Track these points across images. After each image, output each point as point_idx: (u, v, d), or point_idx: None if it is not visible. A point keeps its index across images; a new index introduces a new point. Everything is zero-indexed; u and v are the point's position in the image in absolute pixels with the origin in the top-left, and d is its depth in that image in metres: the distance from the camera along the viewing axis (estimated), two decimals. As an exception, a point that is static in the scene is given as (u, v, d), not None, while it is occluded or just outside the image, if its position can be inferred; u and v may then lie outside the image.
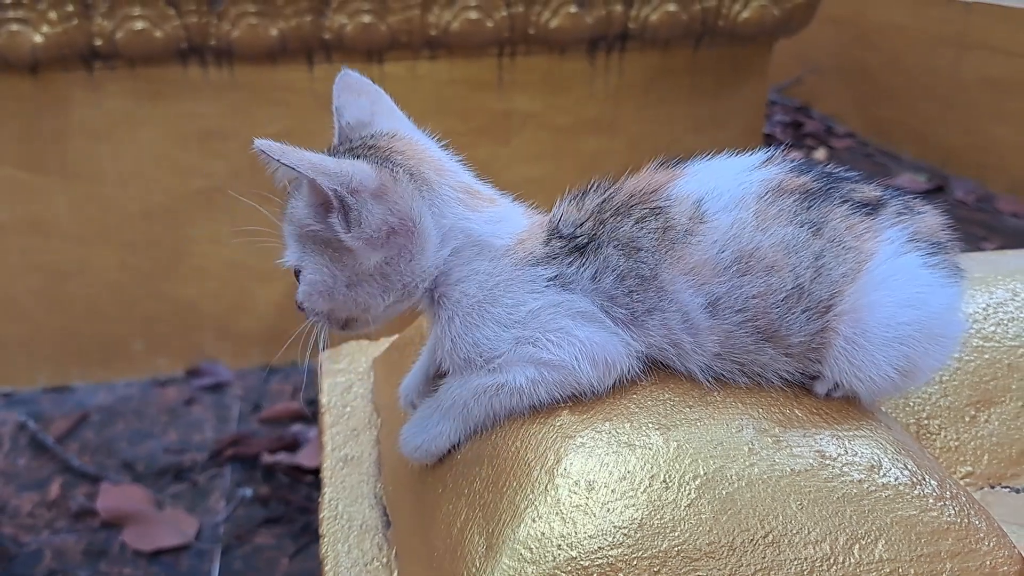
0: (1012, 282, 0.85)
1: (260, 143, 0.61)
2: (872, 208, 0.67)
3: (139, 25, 1.71)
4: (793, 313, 0.65)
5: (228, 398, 1.89)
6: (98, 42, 1.71)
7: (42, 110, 1.75)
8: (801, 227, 0.65)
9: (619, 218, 0.68)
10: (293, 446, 1.68)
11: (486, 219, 0.69)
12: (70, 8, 1.67)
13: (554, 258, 0.68)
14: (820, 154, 2.85)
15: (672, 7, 1.88)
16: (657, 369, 0.68)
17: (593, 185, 0.71)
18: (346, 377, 0.93)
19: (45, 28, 1.64)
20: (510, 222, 0.70)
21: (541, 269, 0.67)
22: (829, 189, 0.67)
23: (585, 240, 0.68)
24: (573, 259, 0.67)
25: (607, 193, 0.70)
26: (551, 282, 0.67)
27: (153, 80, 1.79)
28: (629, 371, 0.67)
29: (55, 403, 1.86)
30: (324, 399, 0.89)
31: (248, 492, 1.61)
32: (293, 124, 1.82)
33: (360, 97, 0.75)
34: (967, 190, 2.57)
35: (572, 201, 0.71)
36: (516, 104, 1.91)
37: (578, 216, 0.69)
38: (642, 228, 0.67)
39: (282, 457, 1.65)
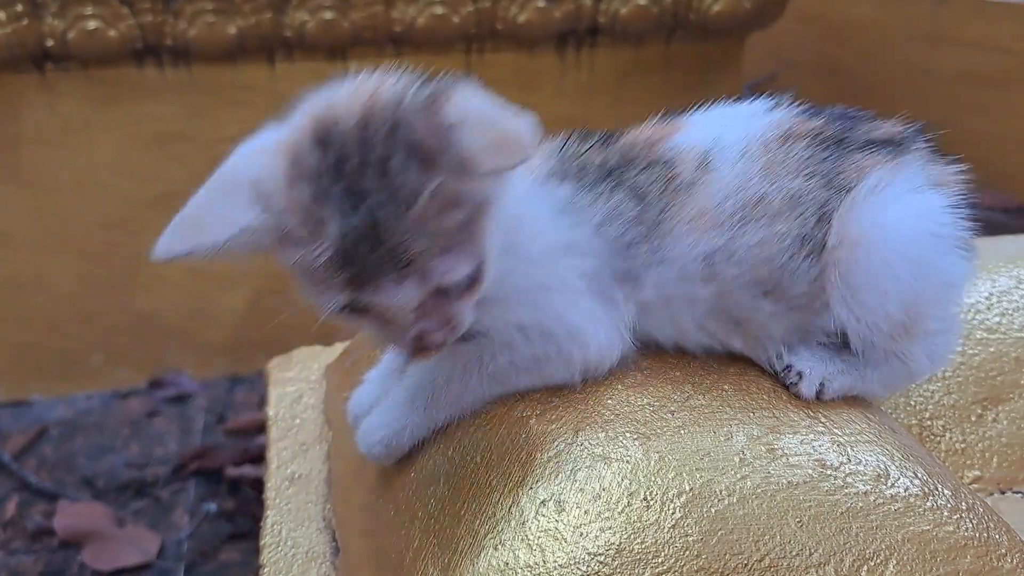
0: (1016, 268, 0.80)
1: None
2: (895, 146, 0.67)
3: (92, 25, 1.66)
4: (795, 261, 0.63)
5: (192, 410, 1.84)
6: (49, 43, 1.65)
7: (-8, 115, 1.70)
8: (811, 177, 0.64)
9: (625, 167, 0.66)
10: (259, 458, 1.63)
11: None
12: (19, 8, 1.61)
13: (567, 177, 0.66)
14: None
15: (642, 0, 1.86)
16: (638, 369, 0.63)
17: (594, 134, 0.70)
18: (296, 387, 0.86)
19: (-8, 29, 1.59)
20: None
21: (555, 185, 0.66)
22: (844, 133, 0.66)
23: (592, 180, 0.66)
24: (583, 192, 0.65)
25: (611, 142, 0.69)
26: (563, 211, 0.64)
27: (108, 82, 1.73)
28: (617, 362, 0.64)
29: (12, 418, 1.79)
30: (271, 411, 0.82)
31: (213, 507, 1.55)
32: (254, 124, 1.75)
33: None
34: (947, 184, 2.55)
35: (575, 143, 0.70)
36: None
37: (584, 158, 0.68)
38: (647, 177, 0.65)
39: (248, 470, 1.60)
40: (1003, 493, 0.73)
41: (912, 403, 0.74)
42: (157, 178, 1.80)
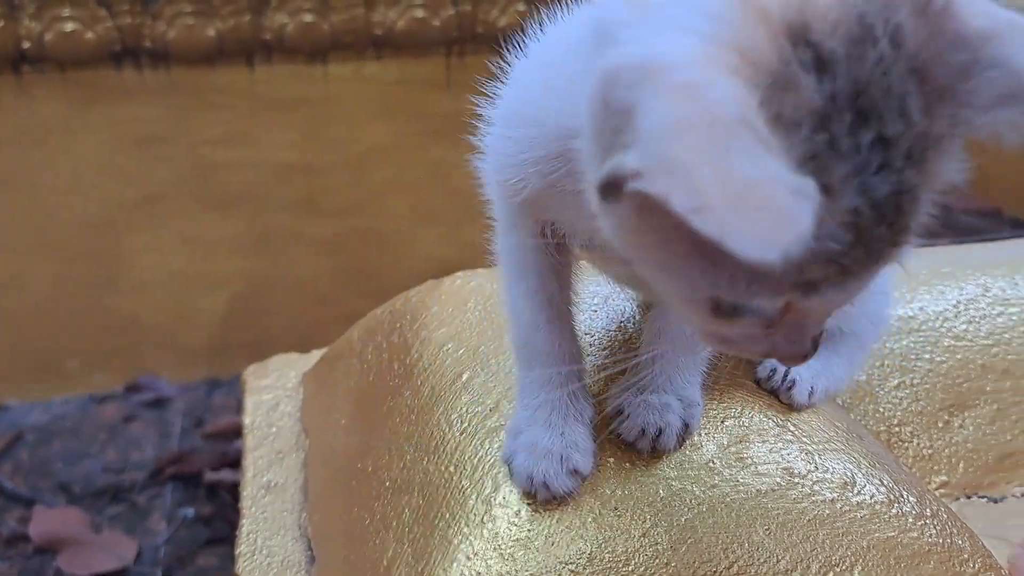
0: (982, 276, 0.81)
1: None
2: None
3: (69, 27, 1.64)
4: None
5: (170, 414, 1.82)
6: (26, 44, 1.63)
7: (-30, 118, 1.68)
8: None
9: None
10: (237, 463, 1.61)
11: None
12: (-5, 9, 1.59)
13: None
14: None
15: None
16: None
17: None
18: (273, 394, 0.85)
19: (-32, 30, 1.57)
20: None
21: None
22: None
23: None
24: None
25: None
26: None
27: (86, 84, 1.71)
28: None
29: (-13, 423, 1.75)
30: (247, 419, 0.82)
31: (190, 512, 1.55)
32: (234, 126, 1.76)
33: None
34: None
35: None
36: (466, 105, 1.87)
37: None
38: None
39: (226, 474, 1.59)
40: (968, 498, 0.74)
41: (881, 410, 0.75)
42: (136, 180, 1.78)
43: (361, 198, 1.89)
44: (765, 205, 0.33)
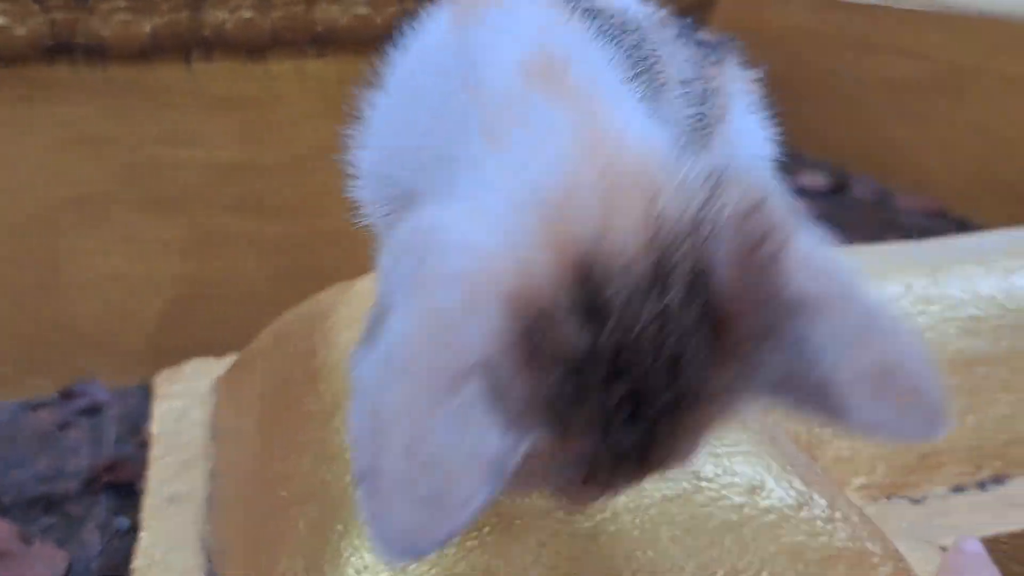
0: (905, 276, 0.81)
1: None
2: (721, 54, 0.59)
3: (-1, 21, 1.62)
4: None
5: (105, 420, 1.78)
6: (-47, 40, 1.60)
7: None
8: (686, 58, 0.55)
9: None
10: (172, 471, 1.57)
11: None
12: (-79, 4, 1.56)
13: None
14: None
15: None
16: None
17: None
18: (183, 401, 0.83)
19: None
20: None
21: None
22: (683, 26, 0.58)
23: None
24: None
25: None
26: None
27: (18, 82, 1.68)
28: None
29: (-85, 432, 1.70)
30: (154, 427, 0.79)
31: (125, 522, 1.51)
32: (172, 125, 1.73)
33: None
34: (867, 188, 2.61)
35: None
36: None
37: None
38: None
39: (161, 484, 1.54)
40: (889, 499, 0.74)
41: (801, 411, 0.74)
42: (71, 180, 1.74)
43: (304, 198, 1.86)
44: (437, 492, 0.30)
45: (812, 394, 0.35)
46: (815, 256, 0.36)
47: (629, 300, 0.34)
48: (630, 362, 0.34)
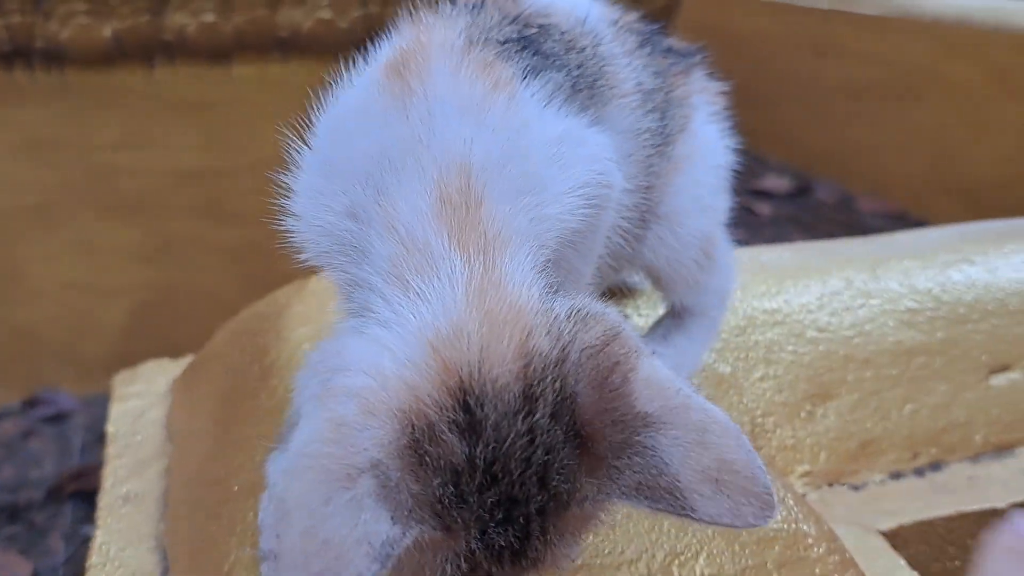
0: (846, 271, 0.83)
1: None
2: (688, 64, 0.64)
3: (-44, 27, 1.60)
4: (658, 154, 0.59)
5: (70, 428, 1.76)
6: (-90, 46, 1.58)
7: None
8: (648, 67, 0.59)
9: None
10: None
11: None
12: None
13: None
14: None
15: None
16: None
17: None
18: (140, 402, 0.83)
19: None
20: None
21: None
22: (651, 33, 0.62)
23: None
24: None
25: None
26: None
27: (-26, 87, 1.66)
28: None
29: None
30: (111, 428, 0.80)
31: (91, 530, 1.50)
32: (132, 130, 1.72)
33: None
34: (829, 191, 2.65)
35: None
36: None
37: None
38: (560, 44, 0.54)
39: (126, 490, 1.53)
40: (831, 486, 0.76)
41: (745, 401, 0.76)
42: (30, 187, 1.72)
43: (266, 203, 1.86)
44: (330, 569, 0.36)
45: (664, 496, 0.41)
46: (656, 376, 0.42)
47: (501, 419, 0.41)
48: (502, 471, 0.40)
